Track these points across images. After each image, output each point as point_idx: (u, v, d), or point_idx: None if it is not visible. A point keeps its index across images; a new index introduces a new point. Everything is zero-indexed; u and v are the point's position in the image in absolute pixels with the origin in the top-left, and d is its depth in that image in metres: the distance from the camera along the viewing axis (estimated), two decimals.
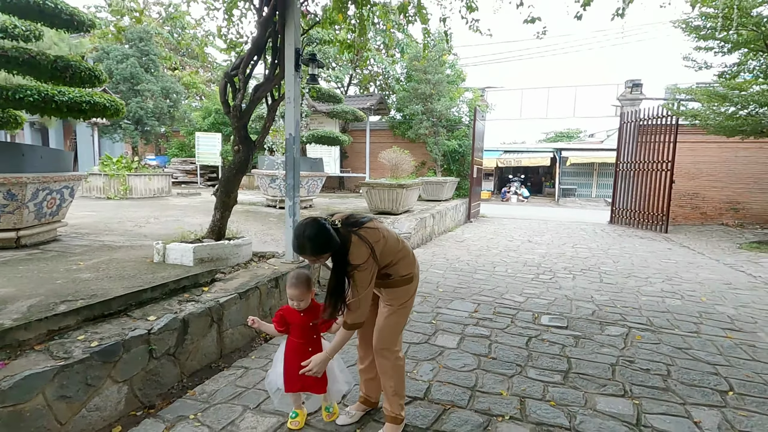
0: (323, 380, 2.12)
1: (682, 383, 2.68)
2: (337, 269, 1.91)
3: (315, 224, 1.87)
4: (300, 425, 2.17)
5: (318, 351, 2.11)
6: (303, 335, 2.12)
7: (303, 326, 2.11)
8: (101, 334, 2.32)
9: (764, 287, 5.25)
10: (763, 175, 11.47)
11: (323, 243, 1.85)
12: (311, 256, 1.88)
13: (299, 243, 1.87)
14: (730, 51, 8.27)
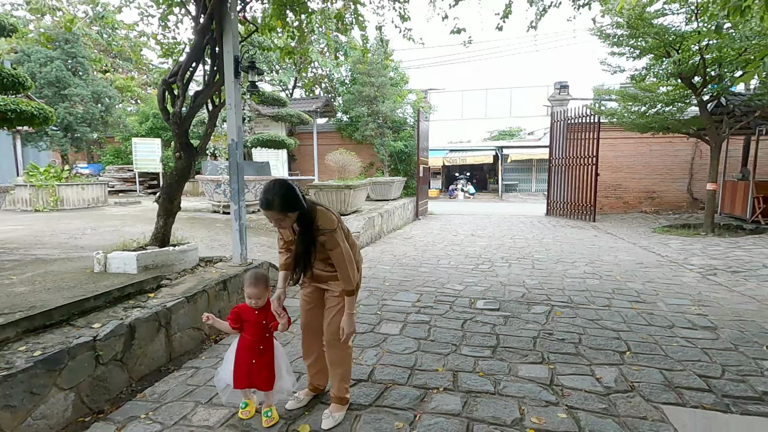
0: (270, 378, 2.20)
1: (590, 348, 3.11)
2: (304, 235, 2.03)
3: (284, 182, 1.99)
4: (251, 414, 2.27)
5: (269, 349, 2.21)
6: (256, 333, 2.19)
7: (257, 324, 2.19)
8: (44, 344, 2.33)
9: (669, 265, 6.00)
10: (673, 166, 12.86)
11: (291, 199, 1.93)
12: (278, 212, 1.93)
13: (267, 198, 1.92)
14: (639, 56, 9.22)
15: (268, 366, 2.20)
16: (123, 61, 17.72)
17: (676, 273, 5.49)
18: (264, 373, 2.17)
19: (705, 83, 8.32)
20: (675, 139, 12.23)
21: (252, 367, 2.16)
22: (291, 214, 1.98)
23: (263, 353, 2.18)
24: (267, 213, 1.97)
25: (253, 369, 2.16)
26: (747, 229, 8.62)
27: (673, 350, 3.06)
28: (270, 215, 1.97)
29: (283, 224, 2.04)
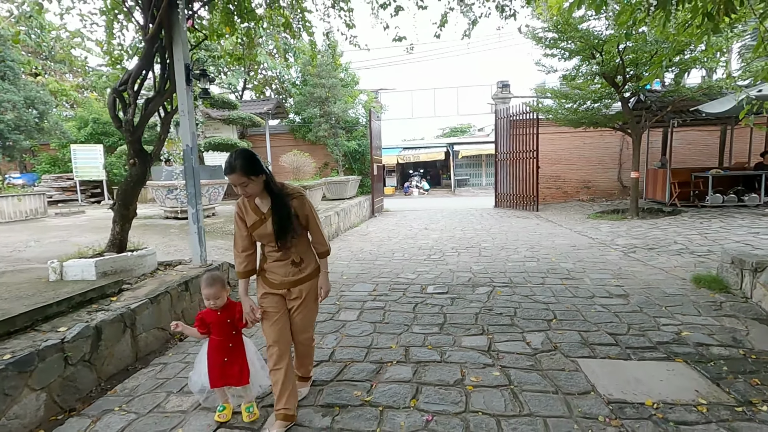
0: (244, 373, 2.26)
1: (523, 319, 3.56)
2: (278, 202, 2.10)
3: (246, 149, 2.10)
4: (228, 417, 2.28)
5: (239, 346, 2.29)
6: (222, 332, 2.27)
7: (222, 324, 2.27)
8: (12, 348, 2.42)
9: (598, 246, 6.71)
10: (604, 158, 14.04)
11: (253, 163, 1.99)
12: (242, 174, 1.96)
13: (230, 162, 1.97)
14: (569, 58, 10.06)
15: (240, 362, 2.27)
16: (55, 64, 16.68)
17: (602, 252, 6.17)
18: (236, 368, 2.25)
19: (625, 82, 9.25)
20: (605, 132, 13.37)
21: (224, 365, 2.24)
22: (255, 178, 2.01)
23: (233, 350, 2.26)
24: (231, 177, 1.98)
25: (225, 366, 2.24)
26: (666, 212, 9.68)
27: (591, 315, 3.58)
28: (234, 179, 1.98)
29: (248, 190, 2.03)
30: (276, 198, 2.12)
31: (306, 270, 2.26)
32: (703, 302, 3.79)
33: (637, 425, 2.11)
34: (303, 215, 2.18)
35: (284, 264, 2.22)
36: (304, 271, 2.25)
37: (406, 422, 2.20)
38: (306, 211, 2.19)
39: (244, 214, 2.20)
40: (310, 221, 2.23)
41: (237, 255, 2.26)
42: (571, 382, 2.53)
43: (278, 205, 2.12)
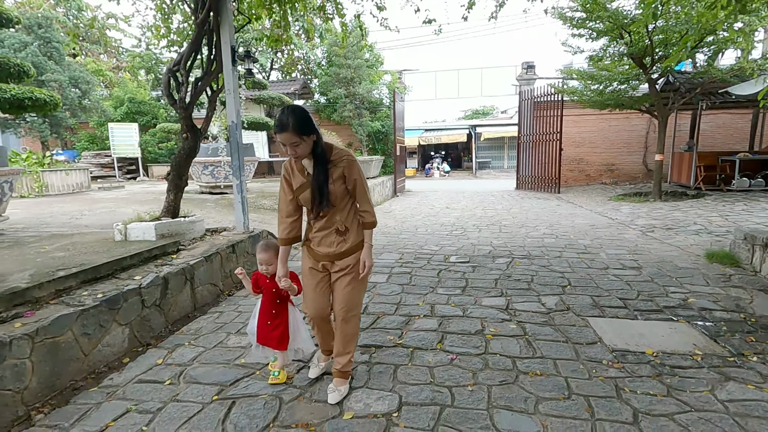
0: (283, 340, 2.34)
1: (539, 285, 3.87)
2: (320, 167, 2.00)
3: (299, 106, 2.01)
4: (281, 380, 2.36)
5: (282, 313, 2.35)
6: (269, 297, 2.35)
7: (269, 290, 2.33)
8: (101, 290, 2.88)
9: (617, 225, 6.88)
10: (630, 140, 13.89)
11: (306, 121, 1.91)
12: (293, 133, 1.87)
13: (281, 119, 1.88)
14: (596, 38, 9.97)
15: (281, 329, 2.34)
16: (91, 45, 17.34)
17: (620, 231, 6.36)
18: (276, 333, 2.32)
19: (653, 63, 9.16)
20: (631, 114, 13.21)
21: (267, 327, 2.35)
22: (306, 138, 1.92)
23: (276, 316, 2.33)
24: (282, 136, 1.90)
25: (268, 329, 2.35)
26: (689, 195, 9.66)
27: (604, 283, 3.86)
28: (285, 138, 1.90)
29: (298, 150, 1.94)
30: (319, 160, 2.00)
31: (350, 240, 2.13)
32: (713, 275, 4.00)
33: (636, 367, 2.42)
34: (351, 179, 2.07)
35: (328, 233, 2.12)
36: (348, 242, 2.12)
37: (433, 359, 2.57)
38: (354, 175, 2.07)
39: (290, 176, 2.11)
40: (358, 187, 2.10)
41: (281, 221, 2.19)
42: (580, 335, 2.85)
43: (319, 169, 2.00)
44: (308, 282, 2.23)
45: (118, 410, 2.17)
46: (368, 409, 2.11)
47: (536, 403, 2.10)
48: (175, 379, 2.46)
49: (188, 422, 2.05)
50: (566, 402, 2.11)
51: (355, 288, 2.19)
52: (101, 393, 2.35)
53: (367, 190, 2.17)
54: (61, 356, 2.42)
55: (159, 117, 15.49)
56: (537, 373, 2.38)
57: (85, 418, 2.12)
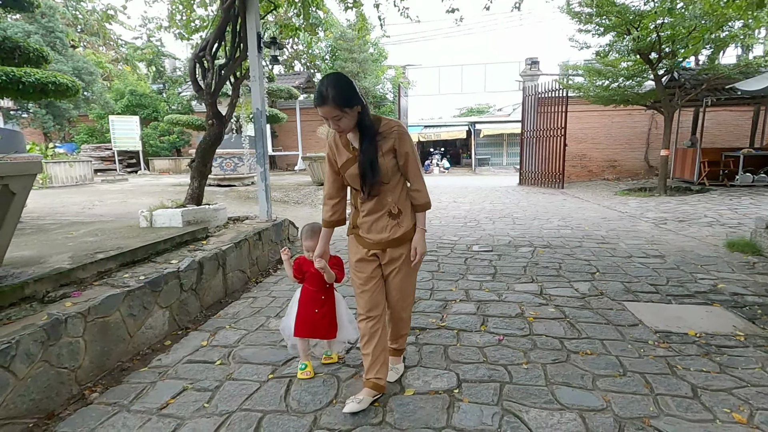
0: (332, 327, 2.22)
1: (568, 271, 3.90)
2: (368, 142, 1.79)
3: (340, 74, 1.79)
4: (311, 374, 2.24)
5: (330, 299, 2.22)
6: (316, 284, 2.19)
7: (316, 275, 2.15)
8: (142, 273, 2.86)
9: (628, 218, 6.94)
10: (632, 137, 14.01)
11: (349, 92, 1.70)
12: (334, 107, 1.68)
13: (321, 91, 1.68)
14: (603, 34, 10.03)
15: (330, 315, 2.22)
16: (90, 36, 17.11)
17: (633, 224, 6.42)
18: (326, 321, 2.20)
19: (660, 59, 9.24)
20: (633, 111, 13.32)
21: (314, 316, 2.18)
22: (349, 111, 1.72)
23: (324, 303, 2.21)
24: (323, 110, 1.70)
25: (316, 318, 2.18)
26: (694, 190, 9.78)
27: (631, 270, 3.90)
28: (326, 112, 1.70)
29: (341, 124, 1.75)
30: (366, 132, 1.80)
31: (404, 224, 1.91)
32: (737, 262, 4.06)
33: (683, 347, 2.45)
34: (402, 152, 1.84)
35: (379, 216, 1.90)
36: (402, 225, 1.90)
37: (480, 340, 2.59)
38: (406, 148, 1.85)
39: (334, 153, 1.90)
40: (410, 162, 1.87)
41: (324, 203, 2.03)
42: (620, 318, 2.88)
43: (367, 141, 1.80)
44: (359, 275, 1.98)
45: (174, 389, 2.16)
46: (428, 386, 2.12)
47: (593, 380, 2.13)
48: (225, 359, 2.45)
49: (249, 399, 2.05)
50: (623, 379, 2.13)
51: (411, 277, 2.02)
52: (152, 373, 2.34)
53: (420, 166, 1.93)
54: (110, 336, 2.41)
55: (160, 110, 15.34)
56: (587, 353, 2.40)
57: (142, 396, 2.11)
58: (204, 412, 1.96)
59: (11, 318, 2.12)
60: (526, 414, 1.87)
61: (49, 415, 2.01)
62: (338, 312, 2.26)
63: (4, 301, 2.17)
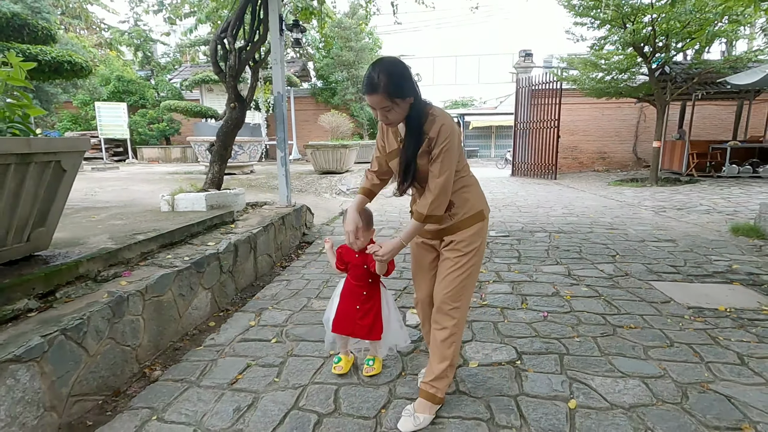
0: (376, 327, 1.95)
1: (589, 254, 4.03)
2: (411, 139, 1.60)
3: (395, 60, 1.55)
4: (344, 370, 2.05)
5: (374, 296, 1.97)
6: (358, 277, 1.96)
7: (359, 267, 1.95)
8: (184, 254, 2.83)
9: (627, 206, 7.16)
10: (621, 130, 14.36)
11: (402, 80, 1.50)
12: (384, 97, 1.48)
13: (371, 78, 1.48)
14: (599, 26, 10.22)
15: (373, 314, 1.95)
16: (71, 19, 16.44)
17: (634, 212, 6.63)
18: (368, 320, 1.94)
19: (654, 52, 9.48)
20: (623, 104, 13.64)
21: (355, 313, 1.95)
22: (401, 102, 1.52)
23: (367, 300, 1.95)
24: (371, 98, 1.51)
25: (356, 315, 1.94)
26: (683, 181, 10.12)
27: (648, 253, 4.05)
28: (375, 101, 1.51)
29: (390, 117, 1.56)
30: (412, 129, 1.60)
31: (457, 215, 1.71)
32: (744, 246, 4.27)
33: (717, 321, 2.58)
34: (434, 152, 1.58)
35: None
36: (455, 217, 1.71)
37: (526, 317, 2.67)
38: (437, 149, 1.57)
39: (384, 138, 1.77)
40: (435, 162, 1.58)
41: (367, 171, 1.91)
42: (651, 295, 3.01)
43: (410, 140, 1.60)
44: (416, 257, 1.91)
45: (238, 365, 2.17)
46: (490, 358, 2.18)
47: (645, 350, 2.23)
48: (280, 337, 2.47)
49: (319, 373, 2.08)
50: (671, 349, 2.24)
51: (462, 273, 1.71)
52: (209, 351, 2.34)
53: (450, 171, 1.59)
54: (163, 316, 2.39)
55: (148, 97, 14.92)
56: (631, 326, 2.51)
57: (207, 373, 2.11)
58: (276, 386, 1.98)
59: (70, 296, 2.09)
60: (592, 381, 1.96)
61: (115, 392, 2.00)
62: (384, 311, 1.97)
63: (61, 280, 2.13)
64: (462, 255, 1.72)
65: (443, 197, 1.61)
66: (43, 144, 2.10)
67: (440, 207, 1.62)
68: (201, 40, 9.93)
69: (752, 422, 1.67)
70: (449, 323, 1.72)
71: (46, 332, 1.70)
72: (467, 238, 1.72)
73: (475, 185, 1.79)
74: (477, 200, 1.76)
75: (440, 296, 1.73)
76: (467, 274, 1.72)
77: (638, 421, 1.68)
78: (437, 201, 1.60)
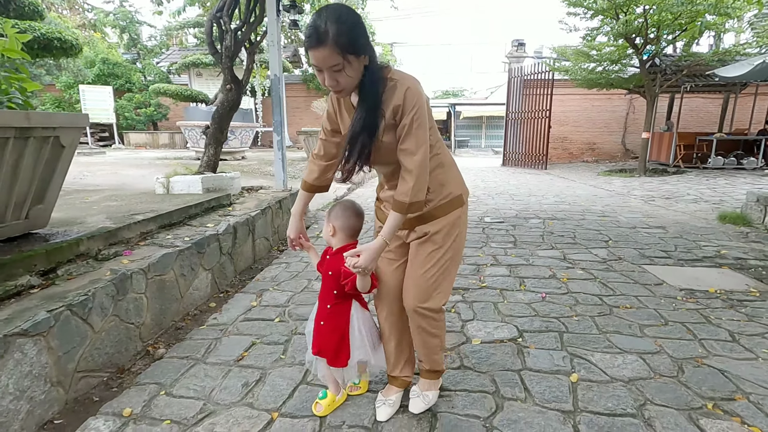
0: (342, 353, 1.57)
1: (583, 239, 4.10)
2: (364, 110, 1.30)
3: (347, 7, 1.27)
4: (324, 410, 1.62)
5: (341, 313, 1.58)
6: (325, 285, 1.60)
7: (325, 274, 1.58)
8: (184, 235, 2.81)
9: (617, 195, 7.28)
10: (610, 121, 14.53)
11: (356, 32, 1.21)
12: (333, 49, 1.18)
13: (317, 26, 1.18)
14: (592, 17, 10.26)
15: (338, 335, 1.56)
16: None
17: (624, 201, 6.75)
18: (332, 342, 1.56)
19: (645, 44, 9.57)
20: (613, 96, 13.79)
21: (320, 330, 1.59)
22: (354, 60, 1.23)
23: (331, 316, 1.57)
24: (317, 53, 1.20)
25: (321, 333, 1.59)
26: (670, 172, 10.32)
27: (640, 239, 4.14)
28: (320, 58, 1.20)
29: (341, 81, 1.25)
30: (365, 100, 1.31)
31: (432, 201, 1.45)
32: (731, 232, 4.39)
33: (708, 301, 2.67)
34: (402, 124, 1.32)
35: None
36: (429, 204, 1.44)
37: (525, 297, 2.72)
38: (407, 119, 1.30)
39: (336, 112, 1.47)
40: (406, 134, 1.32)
41: (310, 160, 1.63)
42: (644, 278, 3.08)
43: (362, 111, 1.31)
44: (381, 258, 1.50)
45: (243, 343, 2.18)
46: (492, 336, 2.23)
47: (641, 329, 2.30)
48: (283, 317, 2.48)
49: None
50: (666, 327, 2.32)
51: (438, 269, 1.46)
52: (213, 330, 2.34)
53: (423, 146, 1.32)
54: (166, 295, 2.38)
55: (134, 81, 14.58)
56: (627, 307, 2.58)
57: (212, 350, 2.12)
58: (283, 362, 2.00)
59: (72, 274, 2.06)
60: (592, 357, 2.02)
61: (119, 369, 1.99)
62: (353, 332, 1.58)
63: (62, 257, 2.10)
64: (438, 248, 1.46)
65: (424, 178, 1.35)
66: (43, 118, 2.06)
67: (423, 190, 1.36)
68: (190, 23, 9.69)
69: (744, 393, 1.74)
70: (425, 323, 1.53)
71: (52, 308, 1.68)
72: (444, 228, 1.47)
73: (452, 165, 1.53)
74: (454, 183, 1.51)
75: (415, 295, 1.48)
76: (443, 268, 1.48)
77: (637, 393, 1.74)
78: (419, 184, 1.33)
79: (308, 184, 1.62)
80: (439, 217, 1.47)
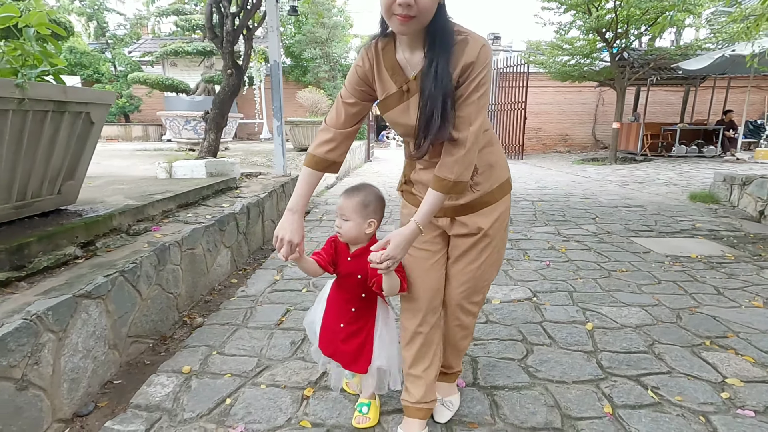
0: (362, 357, 1.39)
1: (573, 218, 4.39)
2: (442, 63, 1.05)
3: None
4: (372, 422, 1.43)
5: (367, 315, 1.40)
6: (348, 288, 1.39)
7: (348, 274, 1.36)
8: (204, 213, 2.86)
9: (593, 181, 7.69)
10: (581, 113, 15.14)
11: None
12: None
13: None
14: (565, 11, 10.68)
15: (361, 339, 1.39)
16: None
17: (601, 185, 7.15)
18: (352, 346, 1.39)
19: (615, 38, 10.06)
20: (584, 89, 14.37)
21: (338, 332, 1.41)
22: None
23: (355, 319, 1.40)
24: None
25: (339, 336, 1.41)
26: (638, 160, 10.91)
27: (623, 215, 4.47)
28: None
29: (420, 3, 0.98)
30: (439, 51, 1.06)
31: (482, 184, 1.25)
32: (702, 209, 4.79)
33: (692, 264, 2.97)
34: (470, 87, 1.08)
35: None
36: (477, 188, 1.25)
37: (531, 265, 2.94)
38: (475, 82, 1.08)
39: (373, 68, 1.18)
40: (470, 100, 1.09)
41: (324, 128, 1.27)
42: (633, 247, 3.37)
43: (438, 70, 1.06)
44: (412, 250, 1.27)
45: (278, 310, 2.28)
46: (509, 296, 2.43)
47: (638, 287, 2.55)
48: (310, 287, 2.59)
49: None
50: (660, 285, 2.58)
51: (491, 256, 1.31)
52: (245, 300, 2.43)
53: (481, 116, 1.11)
54: (196, 268, 2.45)
55: (103, 72, 14.03)
56: (623, 270, 2.84)
57: (251, 317, 2.22)
58: None
59: (110, 246, 2.11)
60: (601, 310, 2.25)
61: (162, 337, 2.07)
62: (379, 338, 1.39)
63: (98, 231, 2.14)
64: (491, 241, 1.28)
65: (473, 153, 1.12)
66: (77, 93, 2.09)
67: (470, 169, 1.14)
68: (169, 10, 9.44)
69: (734, 332, 2.00)
70: (467, 320, 1.39)
71: (107, 273, 1.74)
72: (498, 218, 1.27)
73: (499, 144, 1.34)
74: (503, 164, 1.32)
75: (463, 293, 1.33)
76: (496, 260, 1.34)
77: (646, 335, 1.98)
78: (468, 158, 1.11)
79: (319, 159, 1.24)
80: (491, 204, 1.26)
